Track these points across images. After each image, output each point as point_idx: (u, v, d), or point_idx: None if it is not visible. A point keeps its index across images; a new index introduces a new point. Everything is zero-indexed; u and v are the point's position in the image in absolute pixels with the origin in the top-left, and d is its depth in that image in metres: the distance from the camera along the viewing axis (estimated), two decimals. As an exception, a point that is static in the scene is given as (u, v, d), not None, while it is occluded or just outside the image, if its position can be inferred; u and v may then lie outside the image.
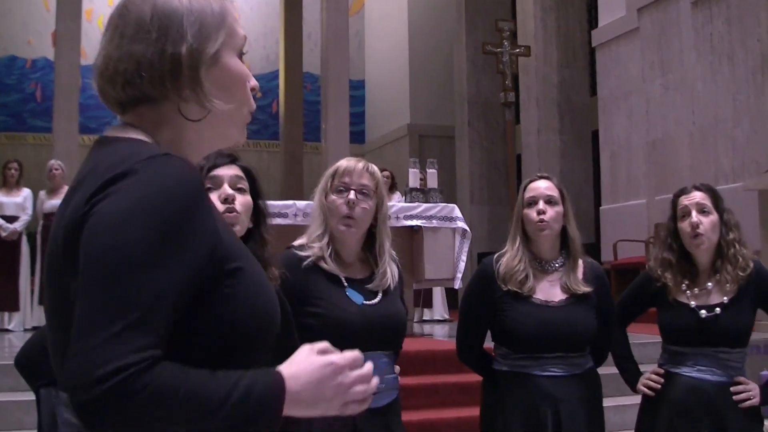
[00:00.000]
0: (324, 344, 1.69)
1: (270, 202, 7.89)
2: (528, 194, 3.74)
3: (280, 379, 1.55)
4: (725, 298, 3.76)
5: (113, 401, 1.38)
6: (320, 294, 3.25)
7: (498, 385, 3.70)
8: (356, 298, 3.30)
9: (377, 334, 3.26)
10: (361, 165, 3.40)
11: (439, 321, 12.25)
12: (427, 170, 9.47)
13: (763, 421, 3.87)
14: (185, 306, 1.52)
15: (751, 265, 3.78)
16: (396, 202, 9.69)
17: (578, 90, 17.14)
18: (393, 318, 3.36)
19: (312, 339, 3.04)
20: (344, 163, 3.41)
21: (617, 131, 13.91)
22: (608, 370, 7.03)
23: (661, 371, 3.88)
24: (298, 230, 3.56)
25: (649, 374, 3.92)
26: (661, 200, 11.93)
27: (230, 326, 1.58)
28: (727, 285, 3.76)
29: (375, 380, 1.71)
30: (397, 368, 3.46)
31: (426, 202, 8.85)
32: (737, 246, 3.79)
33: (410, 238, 8.78)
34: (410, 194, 9.11)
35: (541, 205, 3.67)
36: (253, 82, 1.81)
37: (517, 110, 17.47)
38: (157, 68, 1.64)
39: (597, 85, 14.85)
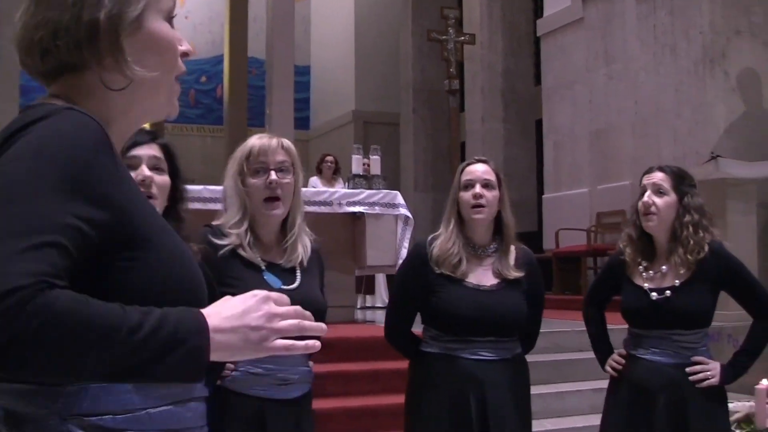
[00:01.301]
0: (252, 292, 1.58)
1: (212, 187, 7.86)
2: (465, 177, 3.74)
3: (199, 313, 1.49)
4: (677, 281, 3.79)
5: (4, 324, 1.29)
6: (238, 275, 3.16)
7: (426, 367, 3.68)
8: (274, 282, 3.21)
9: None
10: (275, 142, 3.31)
11: (381, 308, 12.23)
12: (371, 157, 9.46)
13: (727, 400, 3.93)
14: (85, 256, 1.43)
15: (706, 249, 3.79)
16: (339, 189, 9.66)
17: (523, 79, 17.21)
18: (311, 306, 3.28)
19: None
20: (257, 142, 3.31)
21: (561, 120, 13.97)
22: (549, 356, 7.11)
23: (624, 353, 3.93)
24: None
25: (614, 356, 3.98)
26: (603, 189, 12.05)
27: (141, 296, 1.48)
28: (681, 268, 3.80)
29: (303, 322, 1.59)
30: (311, 363, 3.37)
31: (369, 188, 8.82)
32: (691, 229, 3.80)
33: (353, 225, 8.77)
34: (353, 180, 9.08)
35: (477, 188, 3.67)
36: (185, 47, 1.74)
37: (462, 98, 17.49)
38: (72, 35, 1.57)
39: (541, 74, 14.89)
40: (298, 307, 1.60)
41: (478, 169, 3.75)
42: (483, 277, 3.69)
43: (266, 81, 16.44)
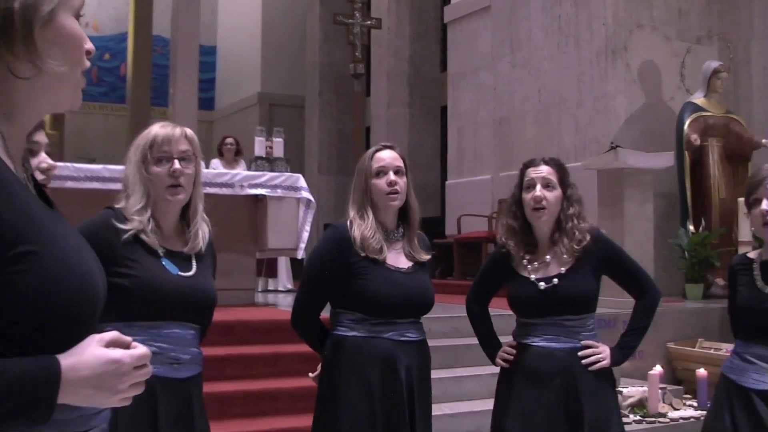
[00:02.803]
0: (113, 334, 1.66)
1: (112, 167, 7.75)
2: (376, 164, 3.76)
3: (56, 370, 1.53)
4: (563, 269, 3.86)
5: None
6: (136, 258, 3.19)
7: (348, 351, 3.65)
8: (171, 268, 3.26)
9: (188, 306, 3.25)
10: (178, 131, 3.36)
11: (282, 291, 12.20)
12: (274, 139, 9.40)
13: (615, 381, 4.00)
14: None
15: (587, 237, 3.88)
16: (241, 171, 9.60)
17: (429, 64, 17.29)
18: (204, 294, 3.33)
19: (124, 302, 3.00)
20: (161, 131, 3.34)
21: (465, 107, 14.06)
22: (446, 341, 7.14)
23: (515, 343, 3.97)
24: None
25: (505, 347, 4.02)
26: (506, 176, 12.15)
27: (30, 311, 1.54)
28: (564, 257, 3.87)
29: (150, 369, 1.71)
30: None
31: (271, 171, 8.78)
32: (575, 221, 3.90)
33: (254, 207, 8.72)
34: (255, 163, 9.02)
35: (391, 176, 3.71)
36: (89, 45, 1.75)
37: (369, 82, 17.51)
38: None
39: (447, 60, 14.96)
40: (147, 351, 1.69)
41: (389, 156, 3.78)
42: (398, 260, 3.74)
43: (170, 60, 16.27)
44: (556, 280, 3.84)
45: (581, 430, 3.73)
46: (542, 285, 3.86)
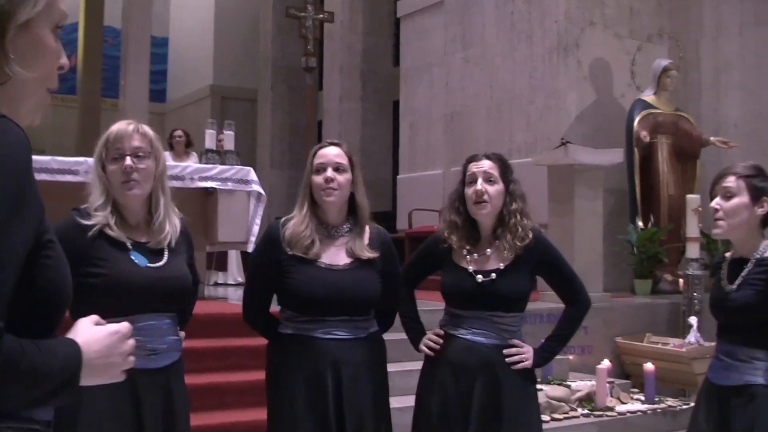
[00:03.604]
0: (95, 316, 1.82)
1: (61, 158, 7.66)
2: (317, 161, 3.77)
3: (78, 348, 1.66)
4: (502, 264, 3.87)
5: None
6: (104, 256, 3.26)
7: (282, 348, 3.70)
8: (140, 260, 3.32)
9: (160, 296, 3.31)
10: (131, 128, 3.40)
11: (233, 285, 12.15)
12: (225, 132, 9.35)
13: (536, 381, 4.04)
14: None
15: (530, 235, 3.90)
16: (192, 163, 9.53)
17: (382, 59, 17.28)
18: (176, 281, 3.39)
19: (95, 300, 3.01)
20: (114, 128, 3.41)
21: (418, 102, 14.06)
22: (395, 335, 7.14)
23: (441, 332, 3.97)
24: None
25: (430, 335, 4.00)
26: (457, 172, 12.06)
27: (48, 293, 1.68)
28: (505, 252, 3.88)
29: (133, 341, 1.87)
30: (182, 333, 3.53)
31: (222, 164, 8.72)
32: (518, 216, 3.91)
33: (204, 200, 8.66)
34: (206, 156, 8.96)
35: (329, 172, 3.71)
36: (63, 60, 1.78)
37: (321, 76, 17.47)
38: None
39: (400, 55, 14.96)
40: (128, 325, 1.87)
41: (330, 153, 3.79)
42: (336, 257, 3.73)
43: (122, 51, 16.15)
44: (494, 275, 3.85)
45: (500, 425, 3.75)
46: (480, 278, 3.86)
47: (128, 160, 3.31)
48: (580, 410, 7.16)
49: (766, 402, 3.59)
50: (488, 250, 3.92)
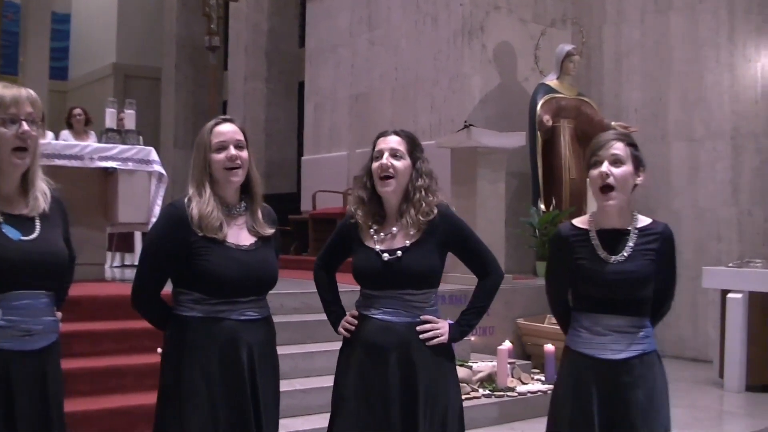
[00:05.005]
0: None
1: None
2: (216, 139, 3.68)
3: None
4: (408, 242, 3.85)
5: None
6: None
7: (189, 331, 3.60)
8: (13, 233, 3.16)
9: (35, 272, 3.16)
10: (24, 93, 3.24)
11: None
12: (126, 111, 9.18)
13: (453, 357, 4.02)
14: None
15: (435, 211, 3.89)
16: (91, 143, 9.36)
17: (287, 39, 17.19)
18: (52, 257, 3.25)
19: None
20: (7, 92, 3.21)
21: (323, 83, 14.02)
22: (297, 317, 7.11)
23: (357, 314, 3.96)
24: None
25: (347, 317, 4.00)
26: (362, 153, 12.17)
27: None
28: (411, 229, 3.86)
29: None
30: (59, 314, 3.37)
31: (123, 143, 8.57)
32: (423, 192, 3.89)
33: (105, 180, 8.52)
34: (106, 135, 8.79)
35: (232, 150, 3.64)
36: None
37: (226, 56, 17.32)
38: None
39: (306, 36, 14.88)
40: None
41: (230, 130, 3.71)
42: (240, 236, 3.68)
43: (21, 27, 15.78)
44: (399, 253, 3.83)
45: (416, 404, 3.75)
46: (386, 256, 3.84)
47: (24, 125, 3.16)
48: (481, 391, 7.24)
49: (660, 366, 3.67)
50: (394, 228, 3.91)
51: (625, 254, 3.66)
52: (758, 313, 8.74)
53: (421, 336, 3.83)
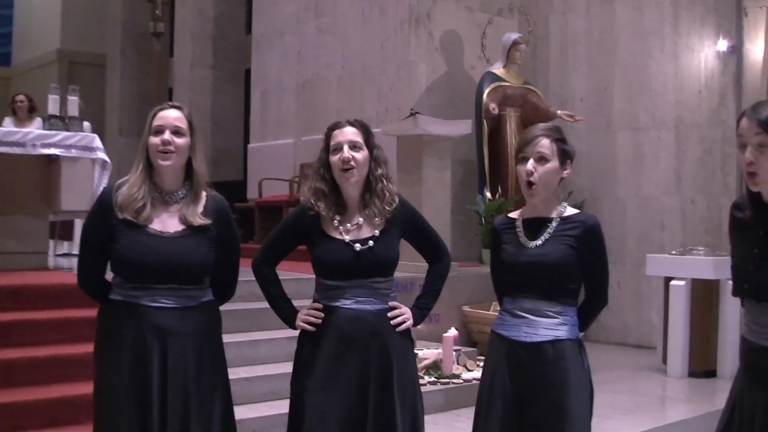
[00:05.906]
0: None
1: None
2: (156, 122, 3.67)
3: None
4: (376, 231, 3.89)
5: None
6: None
7: (111, 315, 3.62)
8: None
9: None
10: None
11: (77, 255, 11.84)
12: (69, 97, 9.07)
13: (414, 341, 4.09)
14: None
15: (397, 199, 3.96)
16: (35, 129, 9.24)
17: (234, 26, 17.08)
18: None
19: None
20: None
21: (269, 70, 13.95)
22: (242, 305, 7.08)
23: (320, 306, 3.92)
24: None
25: (308, 310, 3.95)
26: (308, 141, 12.17)
27: None
28: (376, 219, 3.90)
29: None
30: None
31: (66, 130, 8.48)
32: (384, 181, 3.95)
33: (47, 168, 8.42)
34: (49, 122, 8.69)
35: (166, 135, 3.62)
36: None
37: (172, 42, 17.18)
38: None
39: (252, 22, 14.80)
40: None
41: (170, 115, 3.69)
42: (168, 223, 3.64)
43: (-39, 11, 15.51)
44: (371, 243, 3.86)
45: (391, 391, 3.79)
46: (358, 247, 3.85)
47: None
48: (427, 378, 7.27)
49: (575, 357, 3.71)
50: (359, 219, 3.91)
51: (544, 239, 3.78)
52: (700, 300, 8.86)
53: (392, 322, 3.89)
